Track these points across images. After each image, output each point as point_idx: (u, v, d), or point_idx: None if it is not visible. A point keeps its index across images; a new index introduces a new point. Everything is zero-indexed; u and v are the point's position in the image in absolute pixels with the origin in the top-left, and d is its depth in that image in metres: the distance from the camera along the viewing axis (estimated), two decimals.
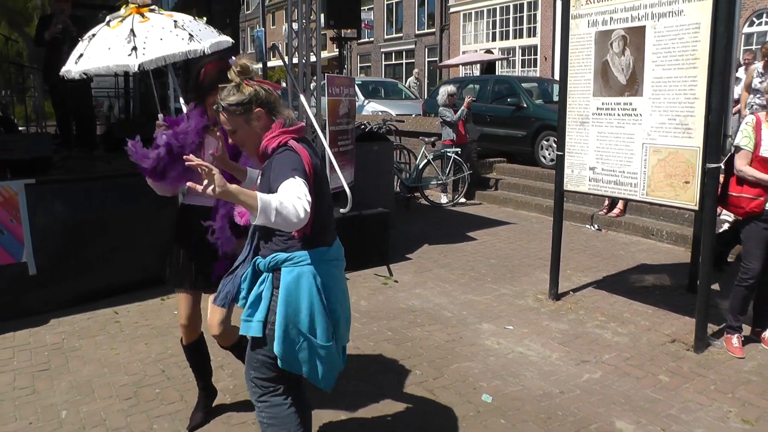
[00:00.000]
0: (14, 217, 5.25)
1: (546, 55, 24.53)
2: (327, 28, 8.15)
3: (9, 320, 5.13)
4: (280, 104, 2.62)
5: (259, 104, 2.54)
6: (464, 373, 4.26)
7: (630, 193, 5.02)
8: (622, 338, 4.85)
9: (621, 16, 4.90)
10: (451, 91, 10.51)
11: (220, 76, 3.06)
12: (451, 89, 10.62)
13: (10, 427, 3.62)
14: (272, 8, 42.70)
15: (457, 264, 6.92)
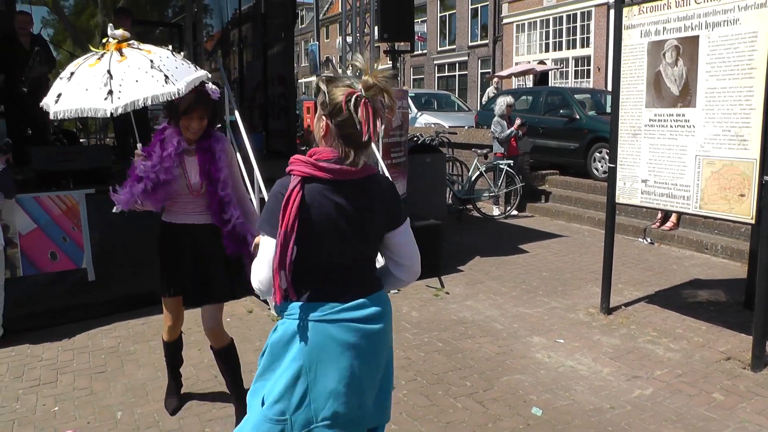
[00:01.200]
0: (75, 225, 5.49)
1: (599, 65, 24.19)
2: (381, 41, 8.24)
3: (69, 324, 5.37)
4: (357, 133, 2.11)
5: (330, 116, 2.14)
6: (514, 386, 4.24)
7: (682, 206, 4.93)
8: (675, 354, 4.75)
9: (674, 26, 4.84)
10: (509, 102, 10.45)
11: (196, 99, 3.30)
12: (510, 100, 10.55)
13: (70, 426, 3.77)
14: (326, 22, 43.29)
15: (509, 276, 6.88)
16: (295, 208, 2.07)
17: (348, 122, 2.08)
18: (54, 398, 4.12)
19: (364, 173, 2.17)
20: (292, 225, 2.07)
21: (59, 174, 5.68)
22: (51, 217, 5.38)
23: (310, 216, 2.11)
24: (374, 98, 2.06)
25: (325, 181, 2.12)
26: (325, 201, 2.12)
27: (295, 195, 2.08)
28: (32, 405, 4.04)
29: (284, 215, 2.07)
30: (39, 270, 5.31)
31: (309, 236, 2.12)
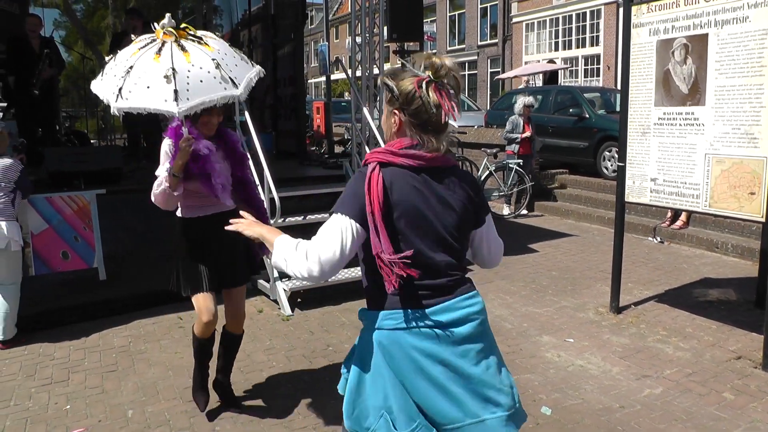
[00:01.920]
0: (87, 225, 5.54)
1: (609, 64, 24.13)
2: (390, 41, 8.25)
3: (81, 323, 5.42)
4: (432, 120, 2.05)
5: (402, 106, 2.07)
6: (524, 385, 4.24)
7: (692, 205, 4.91)
8: (685, 353, 4.73)
9: (683, 24, 4.82)
10: (527, 103, 10.37)
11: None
12: (528, 101, 10.44)
13: (82, 424, 3.80)
14: (335, 22, 43.36)
15: (519, 276, 6.88)
16: (380, 187, 1.97)
17: (422, 109, 2.02)
18: (66, 397, 4.16)
19: (445, 162, 2.09)
20: (380, 207, 1.96)
21: (71, 174, 5.73)
22: (63, 217, 5.43)
23: (397, 201, 2.00)
24: (443, 82, 2.02)
25: (404, 167, 2.03)
26: (407, 186, 2.02)
27: (376, 176, 1.98)
28: (44, 403, 4.08)
29: (370, 197, 1.96)
30: (51, 269, 5.35)
31: (399, 224, 2.01)
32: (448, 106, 2.01)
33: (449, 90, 2.03)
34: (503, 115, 14.13)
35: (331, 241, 1.99)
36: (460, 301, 2.08)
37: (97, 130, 13.62)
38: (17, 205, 4.93)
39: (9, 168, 4.80)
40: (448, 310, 2.05)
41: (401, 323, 2.03)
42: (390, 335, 2.04)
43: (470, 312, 2.08)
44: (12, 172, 4.81)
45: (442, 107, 2.01)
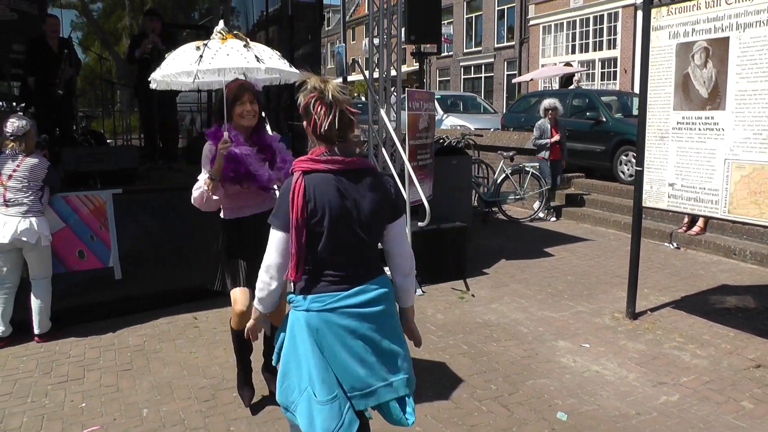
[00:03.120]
0: (103, 225, 5.56)
1: (626, 67, 23.96)
2: (408, 42, 8.24)
3: (96, 321, 5.47)
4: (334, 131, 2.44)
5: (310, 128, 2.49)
6: (540, 390, 4.21)
7: (711, 211, 4.86)
8: (702, 361, 4.68)
9: (703, 27, 4.77)
10: (547, 105, 10.29)
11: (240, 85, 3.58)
12: (549, 103, 10.35)
13: (97, 422, 3.83)
14: (352, 24, 43.42)
15: (534, 280, 6.84)
16: (300, 196, 2.36)
17: (315, 125, 2.42)
18: (81, 394, 4.19)
19: (359, 165, 2.46)
20: (300, 213, 2.35)
21: (87, 174, 5.76)
22: (79, 216, 5.46)
23: (319, 204, 2.38)
24: (328, 98, 2.39)
25: (324, 172, 2.41)
26: (327, 188, 2.39)
27: (298, 186, 2.37)
28: (60, 401, 4.11)
29: (293, 206, 2.36)
30: (67, 268, 5.38)
31: (321, 223, 2.39)
32: (321, 121, 2.39)
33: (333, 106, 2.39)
34: (520, 118, 14.09)
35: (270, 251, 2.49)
36: (372, 283, 2.50)
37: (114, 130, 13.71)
38: (45, 201, 5.03)
39: (36, 166, 4.93)
40: (364, 292, 2.47)
41: (327, 305, 2.43)
42: (318, 315, 2.43)
43: (381, 292, 2.51)
44: (40, 170, 4.94)
45: (320, 121, 2.39)
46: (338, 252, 2.44)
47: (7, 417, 3.91)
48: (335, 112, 2.40)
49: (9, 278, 5.00)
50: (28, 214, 4.85)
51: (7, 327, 5.01)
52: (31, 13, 9.83)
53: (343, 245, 2.44)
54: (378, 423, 3.75)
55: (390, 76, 7.77)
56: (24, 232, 4.80)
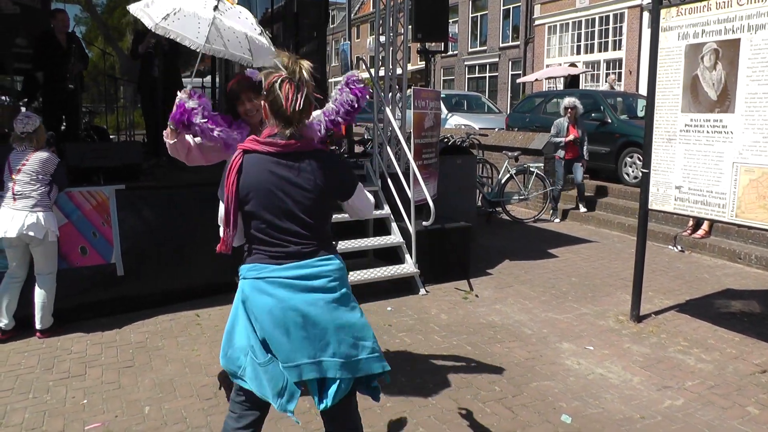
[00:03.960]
0: (105, 221, 5.54)
1: (631, 68, 23.89)
2: (414, 41, 8.20)
3: (97, 318, 5.45)
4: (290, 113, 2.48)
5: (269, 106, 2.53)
6: (544, 392, 4.19)
7: (718, 214, 4.82)
8: (707, 365, 4.65)
9: (714, 29, 4.73)
10: (567, 104, 10.19)
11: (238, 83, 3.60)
12: (568, 102, 10.24)
13: (98, 419, 3.81)
14: (357, 22, 43.38)
15: (538, 281, 6.81)
16: (233, 174, 2.47)
17: (276, 101, 2.46)
18: (83, 391, 4.17)
19: (301, 147, 2.51)
20: (232, 189, 2.46)
21: (90, 170, 5.74)
22: (82, 212, 5.44)
23: (250, 183, 2.47)
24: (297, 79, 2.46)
25: (264, 154, 2.48)
26: (263, 170, 2.47)
27: (234, 164, 2.48)
28: (62, 397, 4.09)
29: (227, 182, 2.47)
30: (70, 264, 5.36)
31: (252, 201, 2.47)
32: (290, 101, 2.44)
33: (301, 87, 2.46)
34: (524, 118, 14.05)
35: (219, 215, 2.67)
36: (314, 261, 2.53)
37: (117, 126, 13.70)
38: (53, 197, 5.03)
39: (47, 161, 4.94)
40: (302, 267, 2.50)
41: (260, 273, 2.50)
42: (251, 283, 2.51)
43: (323, 270, 2.53)
44: (50, 165, 4.95)
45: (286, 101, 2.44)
46: (271, 229, 2.49)
47: (9, 413, 3.89)
48: (303, 93, 2.46)
49: (17, 273, 5.02)
50: (36, 208, 4.84)
51: (10, 320, 5.00)
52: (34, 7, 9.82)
53: (276, 225, 2.49)
54: (382, 423, 3.74)
55: (395, 75, 7.73)
56: (31, 227, 4.79)
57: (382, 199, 6.91)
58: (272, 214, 2.48)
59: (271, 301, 2.46)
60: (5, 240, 4.84)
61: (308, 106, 2.51)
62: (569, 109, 10.09)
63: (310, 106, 2.53)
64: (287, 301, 2.46)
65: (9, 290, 4.99)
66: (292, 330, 2.46)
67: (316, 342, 2.48)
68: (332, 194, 2.62)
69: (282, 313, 2.45)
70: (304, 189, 2.48)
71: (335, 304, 2.54)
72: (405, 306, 5.91)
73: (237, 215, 2.51)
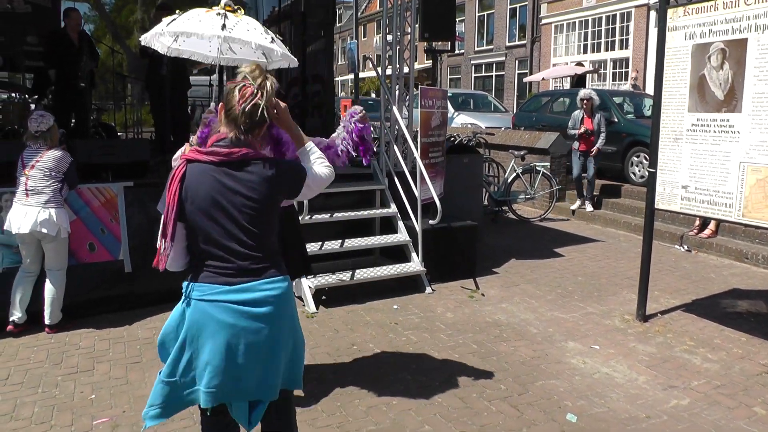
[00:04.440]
0: (113, 217, 5.58)
1: (638, 68, 23.80)
2: (422, 40, 8.21)
3: (105, 314, 5.49)
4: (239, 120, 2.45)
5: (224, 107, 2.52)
6: (549, 391, 4.20)
7: (724, 214, 4.82)
8: (713, 365, 4.65)
9: (721, 29, 4.73)
10: (582, 96, 10.15)
11: None
12: (584, 93, 10.22)
13: (106, 414, 3.84)
14: (363, 20, 43.37)
15: (544, 280, 6.82)
16: (176, 184, 2.39)
17: (230, 102, 2.45)
18: (91, 386, 4.20)
19: (244, 156, 2.41)
20: (174, 198, 2.38)
21: (98, 167, 5.77)
22: (90, 208, 5.47)
23: (192, 193, 2.39)
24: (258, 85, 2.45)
25: (206, 163, 2.41)
26: (206, 180, 2.39)
27: (177, 174, 2.40)
28: (70, 392, 4.12)
29: (168, 192, 2.40)
30: (78, 260, 5.40)
31: (195, 212, 2.40)
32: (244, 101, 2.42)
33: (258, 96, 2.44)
34: (531, 117, 14.04)
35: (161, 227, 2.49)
36: (262, 283, 2.44)
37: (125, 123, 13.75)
38: (64, 195, 5.06)
39: (61, 159, 4.99)
40: (250, 290, 2.42)
41: (206, 295, 2.41)
42: (196, 305, 2.43)
43: (269, 295, 2.44)
44: (63, 163, 4.99)
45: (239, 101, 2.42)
46: (216, 243, 2.41)
47: (19, 406, 3.93)
48: (258, 100, 2.44)
49: (31, 268, 5.07)
50: (49, 204, 4.88)
51: (23, 314, 5.05)
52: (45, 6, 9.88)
53: (222, 236, 2.41)
54: (388, 420, 3.75)
55: (402, 73, 7.75)
56: (44, 223, 4.83)
57: (388, 198, 6.93)
58: (217, 224, 2.40)
59: (218, 328, 2.40)
60: (18, 236, 4.90)
61: (261, 117, 2.45)
62: (585, 100, 10.06)
63: (262, 119, 2.47)
64: (235, 326, 2.40)
65: (23, 285, 5.04)
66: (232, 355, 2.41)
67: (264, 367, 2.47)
68: (280, 198, 2.55)
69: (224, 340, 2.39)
70: (249, 198, 2.40)
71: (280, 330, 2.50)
72: (411, 304, 5.92)
73: (176, 227, 2.42)
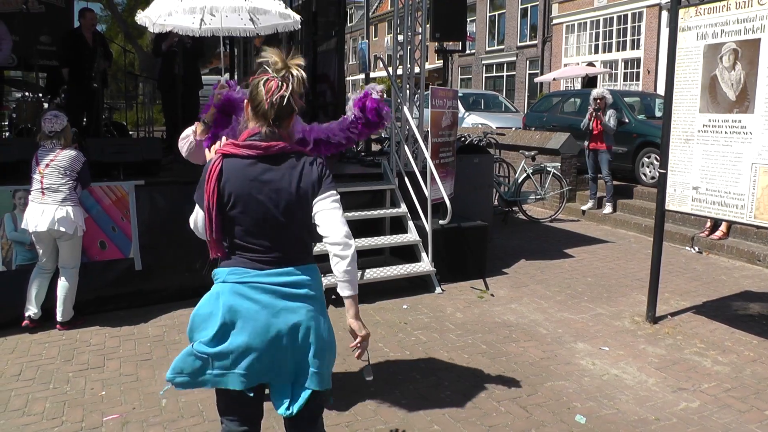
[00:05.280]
0: (124, 216, 5.62)
1: (649, 68, 23.69)
2: (432, 40, 8.21)
3: (116, 311, 5.54)
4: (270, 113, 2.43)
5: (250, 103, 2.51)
6: (558, 392, 4.19)
7: (736, 216, 4.80)
8: (723, 368, 4.62)
9: (733, 29, 4.71)
10: (595, 95, 10.08)
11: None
12: (597, 92, 10.15)
13: (116, 411, 3.87)
14: (375, 20, 43.38)
15: (554, 281, 6.81)
16: (213, 180, 2.38)
17: (257, 98, 2.43)
18: (101, 383, 4.24)
19: (281, 149, 2.44)
20: (213, 195, 2.38)
21: (110, 165, 5.81)
22: (102, 206, 5.51)
23: (231, 188, 2.40)
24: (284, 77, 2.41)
25: (243, 157, 2.42)
26: (243, 175, 2.40)
27: (214, 169, 2.39)
28: (81, 388, 4.16)
29: (207, 188, 2.39)
30: (89, 258, 5.43)
31: (233, 207, 2.41)
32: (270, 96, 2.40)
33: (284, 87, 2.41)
34: (541, 117, 14.00)
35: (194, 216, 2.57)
36: (297, 269, 2.48)
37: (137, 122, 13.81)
38: (78, 194, 5.10)
39: (75, 158, 5.02)
40: (286, 274, 2.45)
41: (243, 277, 2.43)
42: (233, 287, 2.43)
43: (305, 279, 2.49)
44: (77, 162, 5.03)
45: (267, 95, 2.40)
46: (253, 235, 2.43)
47: (31, 402, 3.97)
48: (285, 91, 2.41)
49: (47, 266, 5.12)
50: (65, 202, 4.93)
51: (39, 310, 5.11)
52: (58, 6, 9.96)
53: (258, 229, 2.43)
54: (397, 420, 3.76)
55: (413, 73, 7.75)
56: (61, 222, 4.88)
57: (399, 198, 6.93)
58: (254, 219, 2.41)
59: (254, 307, 2.40)
60: (35, 234, 4.94)
61: (288, 107, 2.43)
62: (597, 99, 10.00)
63: (290, 109, 2.45)
64: (270, 307, 2.41)
65: (39, 282, 5.09)
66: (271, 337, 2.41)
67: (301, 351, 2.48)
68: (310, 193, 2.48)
69: (265, 320, 2.40)
70: (286, 192, 2.42)
71: (314, 315, 2.50)
72: (421, 304, 5.93)
73: (219, 221, 2.42)
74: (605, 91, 10.22)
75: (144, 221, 5.72)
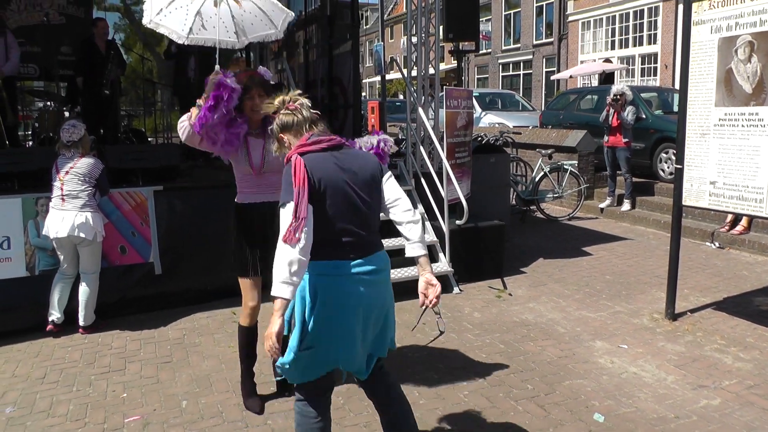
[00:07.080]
0: (144, 221, 5.70)
1: (666, 63, 23.48)
2: (446, 41, 8.21)
3: (136, 315, 5.61)
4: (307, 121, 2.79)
5: (283, 130, 2.80)
6: (576, 391, 4.18)
7: (755, 210, 4.75)
8: (745, 364, 4.58)
9: (748, 21, 4.67)
10: (615, 91, 10.00)
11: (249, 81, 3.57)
12: (616, 89, 10.09)
13: (137, 412, 3.93)
14: (390, 22, 43.40)
15: (572, 279, 6.78)
16: (302, 171, 2.54)
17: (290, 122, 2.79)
18: (123, 385, 4.30)
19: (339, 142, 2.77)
20: (304, 185, 2.52)
21: (129, 171, 5.90)
22: (121, 212, 5.59)
23: (320, 178, 2.59)
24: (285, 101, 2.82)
25: (320, 152, 2.67)
26: (324, 164, 2.63)
27: (299, 164, 2.56)
28: (103, 390, 4.23)
29: (296, 181, 2.52)
30: (110, 263, 5.52)
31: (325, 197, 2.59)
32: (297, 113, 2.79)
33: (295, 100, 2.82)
34: (558, 115, 13.94)
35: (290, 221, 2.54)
36: (378, 256, 2.76)
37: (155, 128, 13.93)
38: (97, 200, 5.19)
39: (94, 165, 5.13)
40: (373, 261, 2.71)
41: (339, 270, 2.63)
42: (327, 279, 2.63)
43: (385, 262, 2.80)
44: (96, 170, 5.13)
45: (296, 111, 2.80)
46: (344, 219, 2.64)
47: (55, 404, 4.05)
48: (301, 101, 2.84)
49: (69, 271, 5.20)
50: (85, 208, 5.02)
51: (62, 315, 5.19)
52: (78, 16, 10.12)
53: (347, 213, 2.65)
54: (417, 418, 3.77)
55: (428, 75, 7.76)
56: (81, 227, 4.97)
57: (415, 199, 6.95)
58: (344, 207, 2.64)
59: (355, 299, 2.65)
60: (56, 240, 5.04)
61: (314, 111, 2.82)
62: (618, 95, 9.92)
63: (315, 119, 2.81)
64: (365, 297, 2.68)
65: (61, 287, 5.17)
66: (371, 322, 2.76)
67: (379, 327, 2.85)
68: (377, 177, 2.79)
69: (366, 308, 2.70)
70: (360, 176, 2.70)
71: (389, 294, 2.88)
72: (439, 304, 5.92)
73: (308, 207, 2.52)
74: (625, 87, 10.15)
75: (163, 226, 5.80)
